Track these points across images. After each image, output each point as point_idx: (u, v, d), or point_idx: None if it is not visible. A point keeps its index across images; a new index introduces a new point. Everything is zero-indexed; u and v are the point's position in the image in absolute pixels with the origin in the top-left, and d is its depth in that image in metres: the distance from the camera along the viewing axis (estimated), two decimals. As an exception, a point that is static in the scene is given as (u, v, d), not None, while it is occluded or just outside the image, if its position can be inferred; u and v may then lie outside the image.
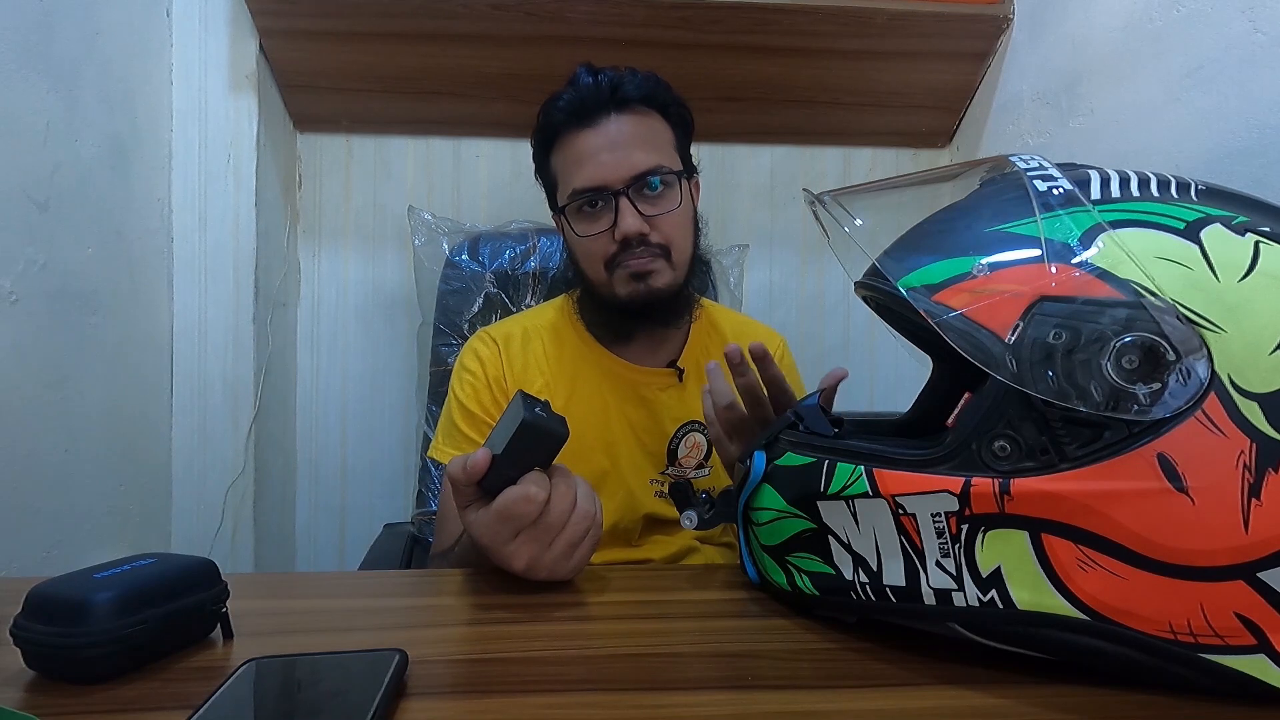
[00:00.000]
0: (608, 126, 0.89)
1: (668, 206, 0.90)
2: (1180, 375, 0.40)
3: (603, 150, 0.88)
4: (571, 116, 0.90)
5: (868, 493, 0.47)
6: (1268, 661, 0.40)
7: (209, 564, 0.49)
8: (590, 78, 0.90)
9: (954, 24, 1.33)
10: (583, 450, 0.92)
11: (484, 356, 0.97)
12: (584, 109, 0.90)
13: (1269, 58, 0.83)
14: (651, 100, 0.92)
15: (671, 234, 0.91)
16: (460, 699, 0.42)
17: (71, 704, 0.41)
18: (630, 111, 0.90)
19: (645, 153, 0.89)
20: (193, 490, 1.28)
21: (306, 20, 1.26)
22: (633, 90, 0.90)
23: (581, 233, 0.91)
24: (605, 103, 0.89)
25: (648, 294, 0.90)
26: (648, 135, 0.91)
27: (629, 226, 0.87)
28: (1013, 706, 0.41)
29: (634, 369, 0.97)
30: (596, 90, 0.90)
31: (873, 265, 0.52)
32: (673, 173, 0.91)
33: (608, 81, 0.90)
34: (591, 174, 0.88)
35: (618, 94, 0.89)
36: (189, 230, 1.27)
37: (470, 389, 0.95)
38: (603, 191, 0.88)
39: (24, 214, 0.92)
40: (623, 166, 0.88)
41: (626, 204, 0.87)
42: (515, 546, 0.56)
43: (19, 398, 0.91)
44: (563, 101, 0.91)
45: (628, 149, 0.88)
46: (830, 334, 1.59)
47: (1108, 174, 0.47)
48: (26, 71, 0.92)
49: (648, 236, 0.89)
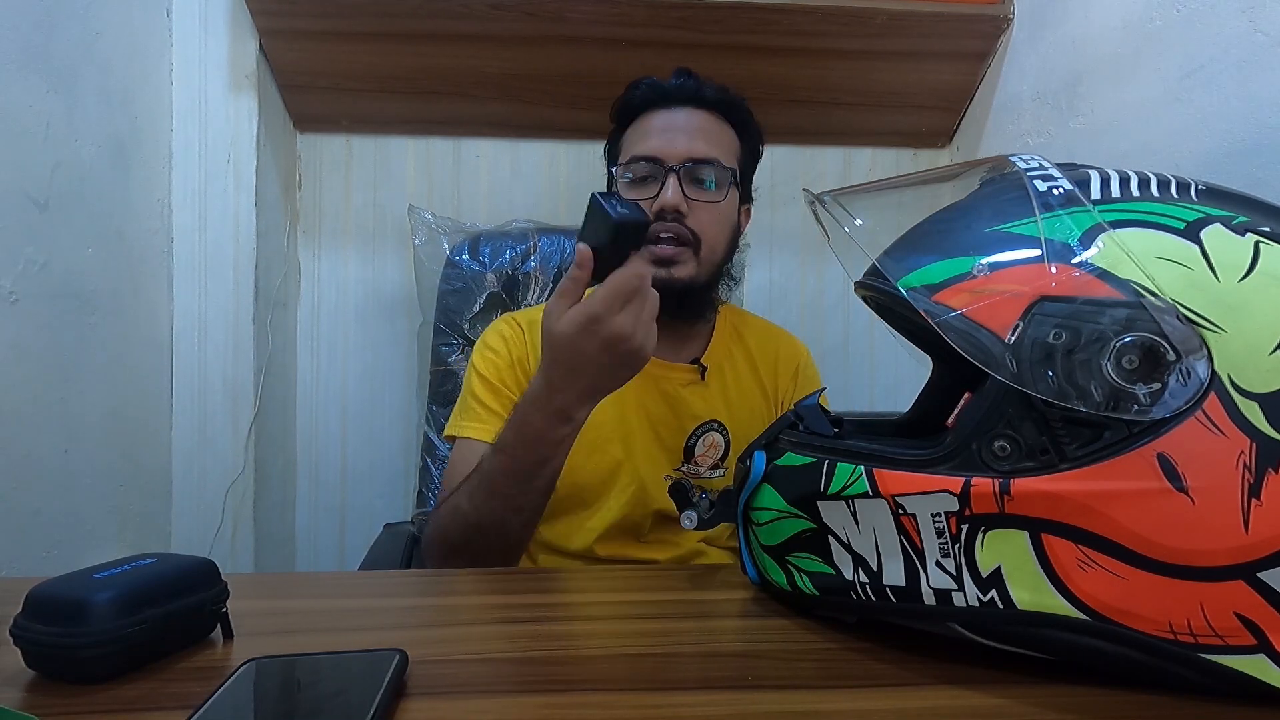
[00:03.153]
0: (680, 113, 0.95)
1: (712, 199, 0.93)
2: (1180, 375, 0.40)
3: (669, 129, 0.94)
4: (654, 96, 0.96)
5: (868, 493, 0.47)
6: (1268, 661, 0.40)
7: (209, 564, 0.49)
8: (680, 77, 0.97)
9: (954, 24, 1.33)
10: (599, 440, 0.92)
11: (508, 337, 0.98)
12: (665, 93, 0.96)
13: (1269, 58, 0.83)
14: (729, 111, 0.98)
15: (707, 225, 0.93)
16: (460, 699, 0.42)
17: (71, 704, 0.41)
18: (707, 110, 0.96)
19: (707, 144, 0.94)
20: (193, 490, 1.28)
21: (306, 20, 1.26)
22: (713, 94, 0.96)
23: (626, 197, 0.93)
24: (687, 96, 0.95)
25: (666, 280, 0.90)
26: (714, 133, 0.96)
27: (669, 198, 0.90)
28: (1013, 706, 0.41)
29: (657, 363, 0.97)
30: (682, 83, 0.96)
31: (873, 265, 0.52)
32: (726, 169, 0.94)
33: (694, 81, 0.96)
34: (652, 145, 0.93)
35: (699, 93, 0.96)
36: (189, 230, 1.27)
37: (493, 366, 0.96)
38: (657, 162, 0.92)
39: (24, 214, 0.92)
40: (682, 146, 0.92)
41: (674, 180, 0.90)
42: (622, 317, 0.68)
43: (19, 398, 0.91)
44: (648, 81, 0.97)
45: (691, 135, 0.93)
46: (830, 334, 1.59)
47: (1108, 174, 0.47)
48: (26, 71, 0.92)
49: (683, 218, 0.91)
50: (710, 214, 0.93)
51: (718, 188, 0.93)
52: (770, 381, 1.03)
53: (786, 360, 1.06)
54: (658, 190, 0.91)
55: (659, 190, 0.91)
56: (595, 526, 0.92)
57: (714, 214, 0.93)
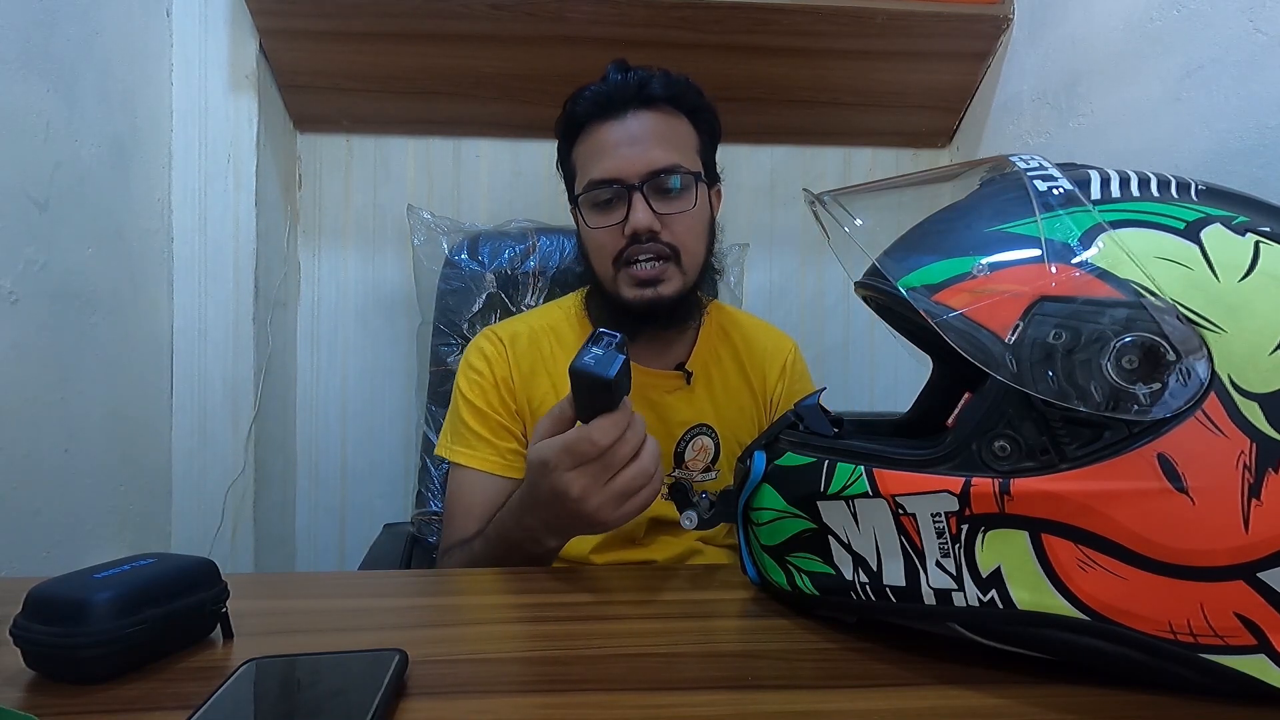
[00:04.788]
0: (630, 121, 0.90)
1: (682, 207, 0.90)
2: (1180, 375, 0.40)
3: (622, 144, 0.89)
4: (596, 108, 0.91)
5: (868, 493, 0.47)
6: (1268, 661, 0.40)
7: (209, 564, 0.49)
8: (619, 74, 0.91)
9: (954, 24, 1.33)
10: None
11: (490, 356, 0.97)
12: (609, 102, 0.90)
13: (1269, 58, 0.83)
14: (678, 101, 0.92)
15: (683, 236, 0.90)
16: (460, 699, 0.42)
17: (71, 704, 0.41)
18: (655, 109, 0.91)
19: (665, 150, 0.89)
20: (193, 490, 1.28)
21: (306, 20, 1.26)
22: (659, 89, 0.90)
23: (593, 225, 0.91)
24: (630, 98, 0.90)
25: (654, 299, 0.90)
26: (669, 134, 0.91)
27: (639, 221, 0.87)
28: (1013, 706, 0.41)
29: (642, 371, 0.97)
30: (623, 85, 0.90)
31: (873, 265, 0.52)
32: (690, 173, 0.90)
33: (635, 78, 0.90)
34: (608, 166, 0.89)
35: (644, 91, 0.90)
36: (189, 230, 1.27)
37: (478, 389, 0.95)
38: (618, 184, 0.88)
39: (24, 214, 0.92)
40: (640, 161, 0.88)
41: (640, 199, 0.87)
42: (572, 476, 0.61)
43: (19, 398, 0.91)
44: (589, 93, 0.92)
45: (647, 145, 0.89)
46: (830, 334, 1.59)
47: (1108, 174, 0.47)
48: (26, 71, 0.92)
49: (658, 235, 0.88)
50: (684, 223, 0.90)
51: (685, 193, 0.90)
52: (758, 380, 1.03)
53: (774, 357, 1.05)
54: (625, 212, 0.88)
55: (626, 213, 0.88)
56: (590, 538, 0.92)
57: (688, 222, 0.90)
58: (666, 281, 0.90)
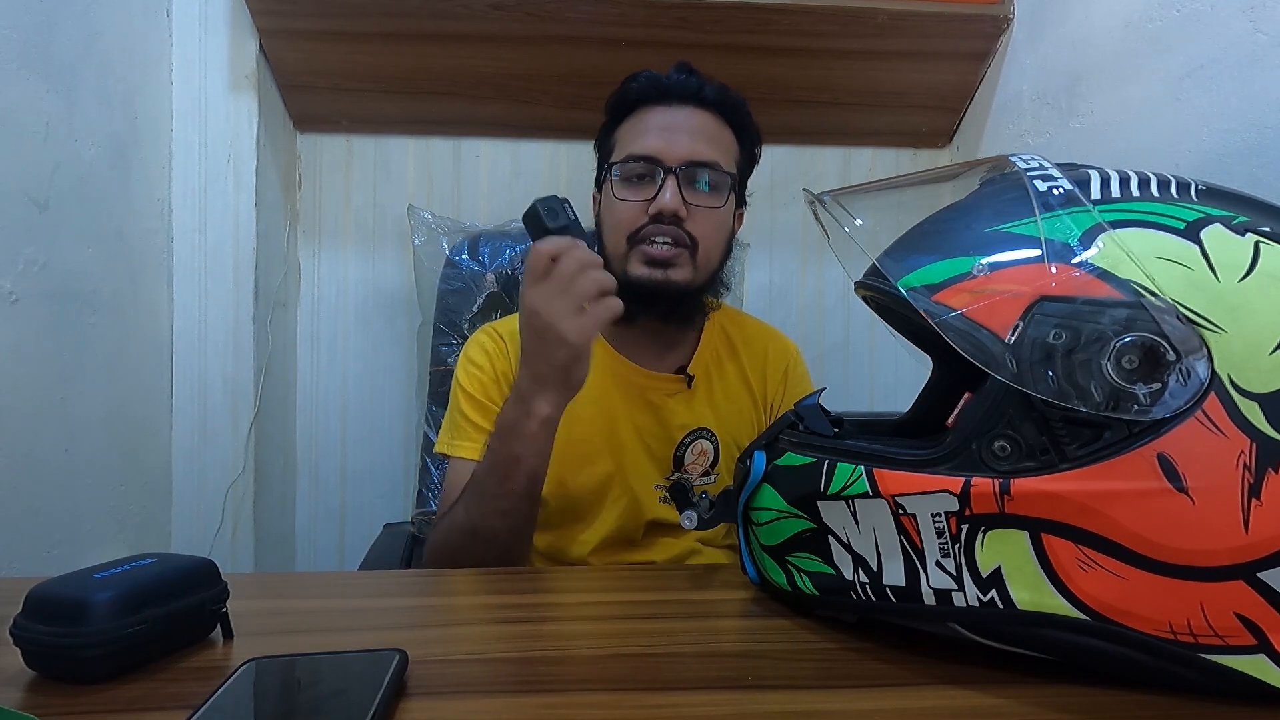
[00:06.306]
0: (681, 112, 0.92)
1: (711, 203, 0.91)
2: (1180, 375, 0.40)
3: (668, 129, 0.91)
4: (652, 92, 0.93)
5: (868, 493, 0.47)
6: (1268, 661, 0.40)
7: (209, 564, 0.49)
8: (681, 75, 0.93)
9: (954, 24, 1.33)
10: (588, 453, 0.92)
11: (490, 350, 0.97)
12: (666, 90, 0.92)
13: (1269, 58, 0.83)
14: (730, 113, 0.94)
15: (705, 230, 0.91)
16: (460, 699, 0.42)
17: (71, 704, 0.41)
18: (707, 110, 0.93)
19: (707, 146, 0.91)
20: (193, 490, 1.28)
21: (306, 20, 1.26)
22: (715, 95, 0.93)
23: (620, 196, 0.91)
24: (687, 94, 0.92)
25: (663, 282, 0.89)
26: (715, 135, 0.93)
27: (667, 202, 0.87)
28: (1013, 706, 0.41)
29: (643, 373, 0.96)
30: (683, 82, 0.92)
31: (873, 265, 0.52)
32: (726, 174, 0.92)
33: (695, 80, 0.93)
34: (650, 144, 0.90)
35: (701, 92, 0.92)
36: (189, 230, 1.27)
37: (478, 382, 0.95)
38: (655, 162, 0.89)
39: (24, 214, 0.92)
40: (682, 147, 0.89)
41: (672, 182, 0.88)
42: (532, 291, 0.71)
43: (19, 398, 0.91)
44: (647, 76, 0.94)
45: (693, 136, 0.90)
46: (830, 334, 1.59)
47: (1108, 174, 0.47)
48: (26, 71, 0.92)
49: (681, 222, 0.89)
50: (708, 219, 0.90)
51: (716, 192, 0.91)
52: (759, 384, 1.03)
53: (775, 361, 1.04)
54: (655, 191, 0.89)
55: (656, 192, 0.88)
56: (589, 540, 0.92)
57: (712, 219, 0.91)
58: (678, 267, 0.90)
